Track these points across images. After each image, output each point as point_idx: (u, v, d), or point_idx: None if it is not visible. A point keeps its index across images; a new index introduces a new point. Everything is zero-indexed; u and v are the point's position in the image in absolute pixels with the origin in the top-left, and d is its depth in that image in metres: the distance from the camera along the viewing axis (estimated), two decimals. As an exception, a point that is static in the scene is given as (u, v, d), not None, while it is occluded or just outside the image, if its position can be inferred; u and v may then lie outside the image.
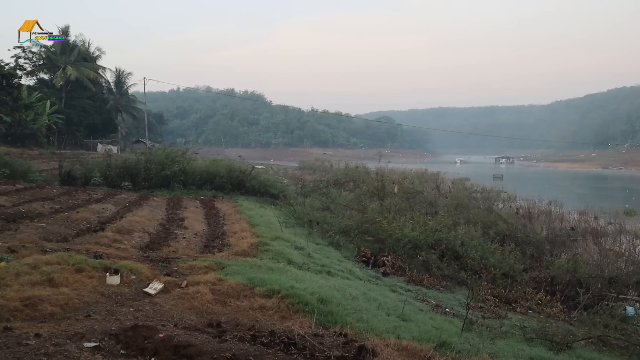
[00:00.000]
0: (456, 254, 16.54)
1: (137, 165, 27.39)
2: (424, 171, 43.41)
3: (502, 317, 11.55)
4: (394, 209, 20.55)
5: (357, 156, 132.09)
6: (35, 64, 67.93)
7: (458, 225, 19.20)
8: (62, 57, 65.13)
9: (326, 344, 6.17)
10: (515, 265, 16.27)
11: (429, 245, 16.65)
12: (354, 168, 38.56)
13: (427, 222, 18.50)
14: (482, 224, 20.65)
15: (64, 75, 63.38)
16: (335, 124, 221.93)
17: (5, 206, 15.59)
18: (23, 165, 27.58)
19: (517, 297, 14.29)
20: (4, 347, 4.89)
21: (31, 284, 7.33)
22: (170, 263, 9.88)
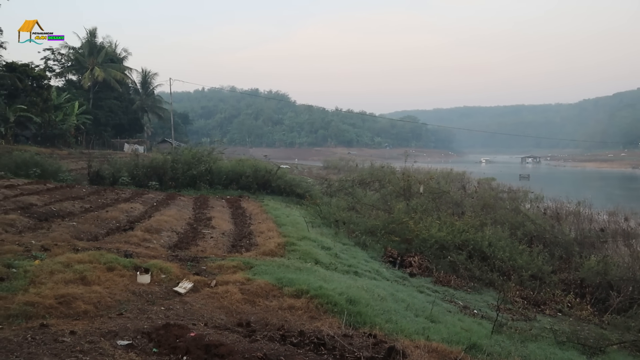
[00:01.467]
0: (483, 255, 16.35)
1: (164, 165, 27.69)
2: (449, 171, 43.01)
3: (531, 320, 11.38)
4: (420, 209, 20.40)
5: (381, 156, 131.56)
6: (64, 65, 69.35)
7: (485, 226, 18.98)
8: (89, 59, 66.32)
9: (356, 345, 6.16)
10: (543, 266, 16.02)
11: (456, 246, 16.49)
12: (379, 168, 38.36)
13: (453, 222, 18.33)
14: (509, 225, 20.37)
15: (91, 76, 64.52)
16: (360, 124, 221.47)
17: (37, 205, 15.92)
18: (53, 165, 28.14)
19: (546, 299, 14.06)
20: (42, 343, 5.00)
21: (65, 282, 7.46)
22: (198, 262, 9.98)
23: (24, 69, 48.39)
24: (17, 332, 5.28)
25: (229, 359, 5.04)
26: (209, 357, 5.13)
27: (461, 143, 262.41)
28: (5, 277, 7.48)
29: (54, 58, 67.80)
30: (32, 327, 5.51)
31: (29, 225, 12.93)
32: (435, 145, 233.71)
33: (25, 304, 6.29)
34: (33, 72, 50.06)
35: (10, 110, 45.94)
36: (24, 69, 48.27)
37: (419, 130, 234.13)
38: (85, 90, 65.81)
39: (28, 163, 26.72)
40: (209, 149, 30.58)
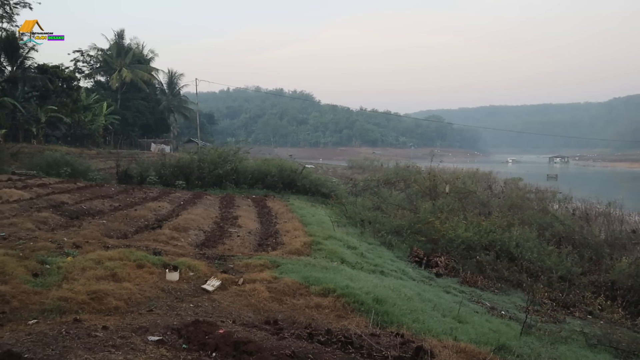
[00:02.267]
0: (511, 255, 16.15)
1: (190, 164, 28.03)
2: (475, 171, 42.54)
3: (560, 322, 11.21)
4: (446, 209, 20.25)
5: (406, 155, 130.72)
6: (93, 66, 70.62)
7: (512, 226, 18.73)
8: (117, 60, 67.39)
9: (383, 344, 6.15)
10: (572, 268, 15.73)
11: (482, 246, 16.33)
12: (404, 167, 38.14)
13: (480, 222, 18.15)
14: (537, 225, 20.08)
15: (119, 77, 65.54)
16: (384, 123, 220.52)
17: (69, 203, 16.27)
18: (83, 165, 28.75)
19: (576, 302, 13.82)
20: (75, 337, 5.11)
21: (96, 278, 7.61)
22: (226, 261, 10.07)
23: (55, 71, 49.42)
24: (52, 326, 5.41)
25: (258, 356, 5.07)
26: (238, 354, 5.17)
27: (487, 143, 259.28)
28: (40, 273, 7.67)
29: (83, 60, 69.17)
30: (66, 322, 5.63)
31: (60, 222, 13.22)
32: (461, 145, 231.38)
33: (59, 299, 6.44)
34: (63, 74, 51.10)
35: (42, 111, 46.98)
36: (54, 71, 49.30)
37: (444, 130, 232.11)
38: (113, 91, 66.90)
39: (59, 162, 27.36)
40: (234, 149, 30.85)
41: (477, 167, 48.64)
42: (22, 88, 49.77)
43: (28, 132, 47.47)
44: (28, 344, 4.81)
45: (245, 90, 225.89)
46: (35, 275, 7.54)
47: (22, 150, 34.97)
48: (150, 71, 72.72)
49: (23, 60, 49.06)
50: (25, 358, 4.40)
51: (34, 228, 11.77)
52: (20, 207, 14.42)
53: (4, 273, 7.08)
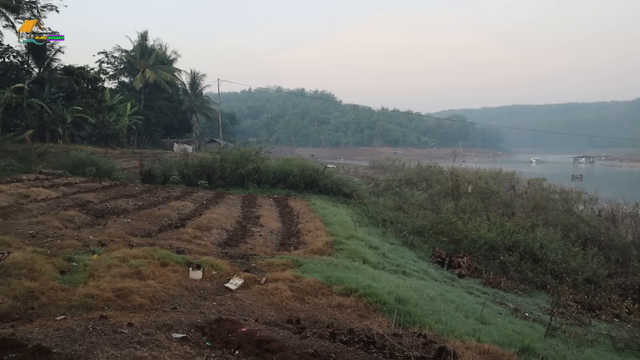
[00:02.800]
0: (535, 256, 15.94)
1: (212, 164, 28.25)
2: (498, 171, 42.12)
3: (586, 325, 11.03)
4: (469, 209, 20.06)
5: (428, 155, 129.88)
6: (117, 68, 71.59)
7: (536, 227, 18.47)
8: (141, 61, 68.17)
9: (405, 344, 6.13)
10: (598, 270, 15.45)
11: (506, 247, 16.16)
12: (426, 167, 37.92)
13: (503, 223, 17.95)
14: (561, 226, 19.79)
15: (143, 78, 66.30)
16: (406, 123, 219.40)
17: (94, 202, 16.54)
18: (107, 164, 29.18)
19: (602, 304, 13.57)
20: (102, 333, 5.20)
21: (121, 276, 7.73)
22: (248, 260, 10.14)
23: (80, 72, 50.20)
24: (79, 322, 5.51)
25: (280, 355, 5.10)
26: (261, 352, 5.20)
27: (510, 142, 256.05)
28: (67, 270, 7.82)
29: (107, 61, 70.16)
30: (92, 318, 5.74)
31: (86, 221, 13.45)
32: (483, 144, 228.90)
33: (85, 296, 6.56)
34: (88, 75, 51.88)
35: (68, 112, 47.79)
36: (80, 72, 50.08)
37: (467, 130, 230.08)
38: (136, 92, 67.69)
39: (84, 162, 27.82)
40: (256, 149, 30.99)
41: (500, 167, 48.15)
42: (49, 89, 50.66)
43: (54, 133, 48.31)
44: (56, 339, 4.91)
45: (266, 90, 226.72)
46: (63, 272, 7.69)
47: (48, 150, 35.63)
48: (173, 72, 73.42)
49: (50, 62, 49.97)
50: (54, 353, 4.49)
51: (61, 226, 11.99)
52: (47, 205, 14.71)
53: (32, 270, 7.23)
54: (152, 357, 4.69)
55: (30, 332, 5.09)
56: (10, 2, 43.59)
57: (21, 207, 13.85)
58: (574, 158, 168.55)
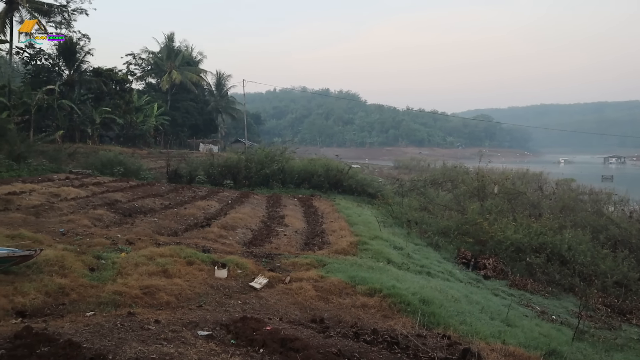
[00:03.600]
0: (562, 258, 15.68)
1: (238, 164, 28.48)
2: (525, 171, 41.55)
3: (616, 329, 10.80)
4: (495, 210, 19.85)
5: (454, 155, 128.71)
6: (144, 69, 72.64)
7: (564, 229, 18.18)
8: (168, 62, 69.02)
9: (429, 345, 6.11)
10: (629, 273, 15.11)
11: (532, 248, 15.93)
12: (451, 168, 37.56)
13: (530, 224, 17.71)
14: (590, 228, 19.43)
15: (169, 79, 67.11)
16: (431, 123, 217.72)
17: (122, 201, 16.84)
18: (135, 164, 29.66)
19: (633, 308, 13.28)
20: (130, 330, 5.30)
21: (148, 274, 7.86)
22: (273, 259, 10.21)
23: (109, 74, 51.14)
24: (107, 319, 5.63)
25: (304, 354, 5.13)
26: (285, 350, 5.25)
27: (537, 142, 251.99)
28: (96, 267, 7.99)
29: (135, 62, 71.26)
30: (120, 315, 5.86)
31: (114, 220, 13.70)
32: (510, 144, 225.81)
33: (114, 293, 6.70)
34: (117, 76, 52.81)
35: (97, 113, 48.69)
36: (108, 74, 51.02)
37: (493, 130, 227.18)
38: (163, 93, 68.54)
39: (112, 162, 28.33)
40: (281, 149, 31.12)
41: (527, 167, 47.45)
42: (79, 90, 51.71)
43: (84, 133, 49.30)
44: (86, 334, 5.03)
45: (291, 90, 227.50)
46: (92, 269, 7.86)
47: (78, 150, 36.39)
48: (199, 73, 74.12)
49: (79, 64, 50.99)
50: (84, 347, 4.60)
51: (90, 225, 12.24)
52: (77, 204, 15.03)
53: (63, 267, 7.40)
54: (179, 354, 4.77)
55: (61, 327, 5.23)
56: (42, 6, 44.63)
57: (52, 205, 14.19)
58: (604, 158, 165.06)
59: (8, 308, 5.78)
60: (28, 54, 48.63)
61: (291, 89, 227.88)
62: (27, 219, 11.90)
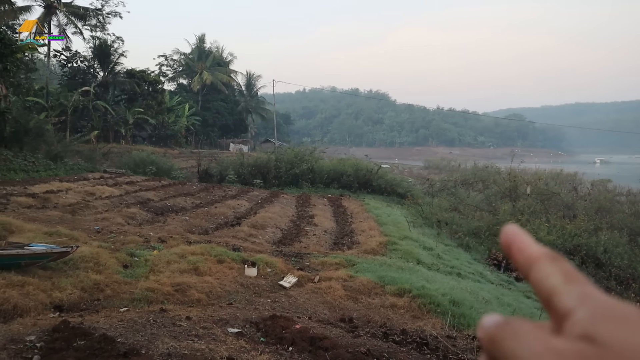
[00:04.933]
0: (598, 261, 15.33)
1: (267, 163, 28.66)
2: (559, 172, 40.69)
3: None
4: (527, 211, 19.53)
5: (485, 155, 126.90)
6: (176, 70, 73.76)
7: (600, 231, 17.76)
8: (198, 63, 69.86)
9: (459, 347, 6.07)
10: (669, 276, 14.71)
11: (566, 250, 15.62)
12: (483, 168, 37.13)
13: (564, 226, 17.37)
14: (628, 230, 18.95)
15: (200, 79, 67.91)
16: (462, 122, 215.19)
17: (154, 200, 17.13)
18: (166, 164, 30.14)
19: (671, 312, 12.89)
20: (162, 326, 5.41)
21: (180, 271, 7.98)
22: (302, 258, 10.25)
23: (142, 75, 52.09)
24: (140, 315, 5.76)
25: (333, 353, 5.15)
26: (314, 349, 5.27)
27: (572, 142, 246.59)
28: (129, 264, 8.15)
29: (167, 64, 72.48)
30: (153, 311, 5.97)
31: (147, 218, 13.96)
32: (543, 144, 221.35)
33: (146, 290, 6.83)
34: (149, 78, 53.76)
35: (130, 113, 49.67)
36: (141, 75, 51.97)
37: (525, 129, 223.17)
38: (194, 93, 69.41)
39: (145, 161, 28.84)
40: (310, 149, 31.19)
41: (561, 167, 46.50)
42: (113, 92, 52.86)
43: (117, 133, 50.35)
44: (120, 329, 5.15)
45: (320, 90, 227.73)
46: (125, 266, 8.02)
47: (112, 150, 37.18)
48: (229, 73, 74.81)
49: (114, 65, 52.10)
50: (118, 342, 4.72)
51: (123, 223, 12.50)
52: (111, 203, 15.36)
53: (98, 264, 7.58)
54: (209, 350, 4.84)
55: (96, 322, 5.36)
56: (78, 10, 45.74)
57: (87, 204, 14.54)
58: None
59: (46, 302, 5.95)
60: (65, 57, 49.97)
61: (320, 89, 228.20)
62: (64, 216, 12.22)
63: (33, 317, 5.45)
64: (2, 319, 5.38)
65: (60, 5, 43.72)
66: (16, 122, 24.76)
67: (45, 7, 42.66)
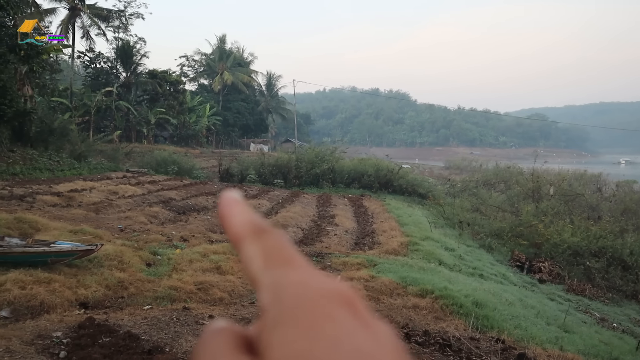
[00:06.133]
0: (624, 264, 15.03)
1: (288, 163, 28.72)
2: (583, 172, 40.03)
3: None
4: (550, 212, 19.25)
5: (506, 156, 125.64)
6: (197, 70, 74.39)
7: (626, 232, 17.43)
8: (219, 64, 70.35)
9: (483, 349, 6.00)
10: (699, 280, 14.36)
11: (591, 252, 15.35)
12: (505, 168, 36.71)
13: (589, 227, 17.07)
14: (656, 233, 18.55)
15: (221, 80, 68.39)
16: (483, 122, 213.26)
17: (176, 199, 17.28)
18: (188, 163, 30.41)
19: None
20: (185, 324, 5.45)
21: (202, 270, 8.03)
22: (323, 258, 10.24)
23: (163, 75, 52.66)
24: (164, 313, 5.80)
25: (356, 353, 5.12)
26: (337, 349, 5.26)
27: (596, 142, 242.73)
28: (152, 263, 8.23)
29: (188, 64, 73.15)
30: (176, 309, 6.02)
31: (169, 217, 14.09)
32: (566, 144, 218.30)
33: (169, 288, 6.88)
34: (171, 78, 54.32)
35: (152, 113, 50.24)
36: (163, 75, 52.54)
37: (548, 129, 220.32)
38: (215, 93, 69.92)
39: (167, 161, 29.14)
40: (331, 149, 31.19)
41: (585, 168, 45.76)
42: (135, 92, 53.52)
43: (139, 133, 50.98)
44: (144, 327, 5.20)
45: (341, 90, 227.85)
46: (148, 265, 8.10)
47: (134, 150, 37.64)
48: (249, 73, 75.19)
49: (136, 66, 52.76)
50: (142, 339, 4.76)
51: (146, 221, 12.63)
52: (134, 202, 15.54)
53: (122, 262, 7.67)
54: (232, 349, 4.85)
55: (121, 319, 5.42)
56: (101, 12, 46.42)
57: (111, 203, 14.72)
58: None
59: (72, 299, 6.04)
60: (88, 58, 50.72)
61: (341, 89, 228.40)
62: (88, 215, 12.39)
63: (59, 313, 5.53)
64: (30, 315, 5.47)
65: (84, 7, 44.43)
66: (41, 122, 25.21)
67: (70, 9, 43.41)
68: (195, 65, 74.31)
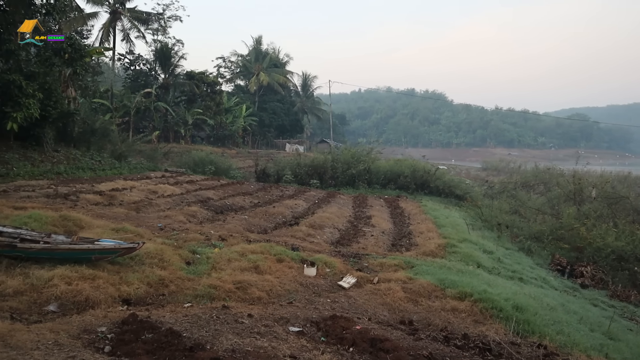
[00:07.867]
0: (672, 269, 14.52)
1: (324, 164, 28.79)
2: (627, 174, 38.83)
3: None
4: (593, 215, 18.72)
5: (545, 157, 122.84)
6: (233, 72, 75.32)
7: (674, 237, 16.82)
8: (255, 65, 71.03)
9: (524, 354, 5.88)
10: None
11: (636, 257, 14.87)
12: (544, 170, 35.91)
13: (634, 231, 16.53)
14: None
15: (257, 81, 69.03)
16: (522, 123, 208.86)
17: (214, 199, 17.50)
18: (225, 163, 30.80)
19: None
20: (225, 322, 5.51)
21: (241, 269, 8.10)
22: (360, 259, 10.21)
23: (201, 77, 53.50)
24: (204, 311, 5.88)
25: (394, 355, 5.09)
26: (375, 350, 5.23)
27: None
28: (191, 261, 8.35)
29: (225, 65, 74.13)
30: (215, 308, 6.09)
31: (207, 216, 14.28)
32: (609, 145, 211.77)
33: (209, 287, 6.97)
34: (208, 79, 55.16)
35: (189, 114, 51.06)
36: (200, 77, 53.38)
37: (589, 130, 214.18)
38: (251, 94, 70.65)
39: (204, 161, 29.58)
40: (367, 149, 31.12)
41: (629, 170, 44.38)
42: (173, 93, 54.52)
43: (177, 133, 51.88)
44: (185, 324, 5.28)
45: (376, 90, 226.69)
46: (188, 263, 8.22)
47: (172, 150, 38.33)
48: (285, 74, 75.67)
49: (174, 68, 53.74)
50: (183, 337, 4.84)
51: (185, 221, 12.83)
52: (172, 201, 15.81)
53: (162, 260, 7.80)
54: (272, 348, 4.89)
55: (162, 316, 5.51)
56: (141, 15, 47.46)
57: (150, 202, 15.03)
58: None
59: (115, 295, 6.17)
60: (128, 60, 51.93)
61: (376, 89, 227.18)
62: (129, 213, 12.67)
63: (103, 309, 5.66)
64: (76, 310, 5.62)
65: (125, 11, 45.51)
66: (84, 123, 25.94)
67: (111, 13, 44.56)
68: (231, 67, 75.36)
